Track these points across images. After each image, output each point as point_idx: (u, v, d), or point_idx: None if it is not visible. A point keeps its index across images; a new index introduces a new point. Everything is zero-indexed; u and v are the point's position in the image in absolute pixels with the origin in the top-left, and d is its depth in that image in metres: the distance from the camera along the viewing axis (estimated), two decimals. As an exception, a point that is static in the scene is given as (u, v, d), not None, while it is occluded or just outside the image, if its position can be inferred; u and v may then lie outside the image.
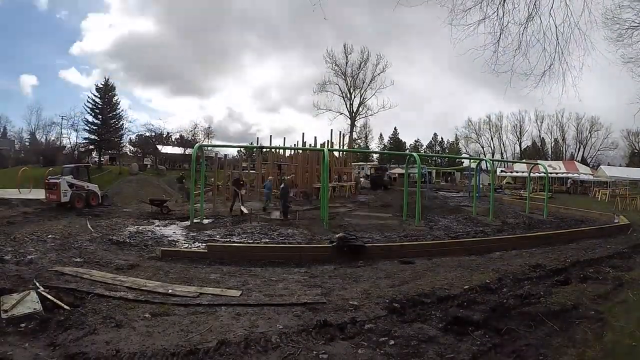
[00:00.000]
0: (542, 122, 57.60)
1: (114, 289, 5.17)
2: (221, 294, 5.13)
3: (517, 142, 59.66)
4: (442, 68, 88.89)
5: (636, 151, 48.93)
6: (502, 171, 34.99)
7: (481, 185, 22.08)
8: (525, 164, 32.07)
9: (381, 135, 69.76)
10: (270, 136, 22.95)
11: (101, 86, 40.81)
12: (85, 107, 40.33)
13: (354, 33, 79.70)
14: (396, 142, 69.27)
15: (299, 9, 79.00)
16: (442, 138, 72.05)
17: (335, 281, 5.93)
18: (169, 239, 9.50)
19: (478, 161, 25.51)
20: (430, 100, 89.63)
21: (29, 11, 78.91)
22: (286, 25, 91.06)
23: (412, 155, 15.43)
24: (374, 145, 62.98)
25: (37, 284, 5.08)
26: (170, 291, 5.12)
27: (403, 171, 22.20)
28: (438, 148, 70.01)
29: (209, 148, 32.44)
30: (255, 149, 22.65)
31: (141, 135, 44.01)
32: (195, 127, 45.09)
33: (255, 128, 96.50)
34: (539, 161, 29.96)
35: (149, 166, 40.77)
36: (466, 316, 4.34)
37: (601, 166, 33.36)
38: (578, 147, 53.69)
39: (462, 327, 4.07)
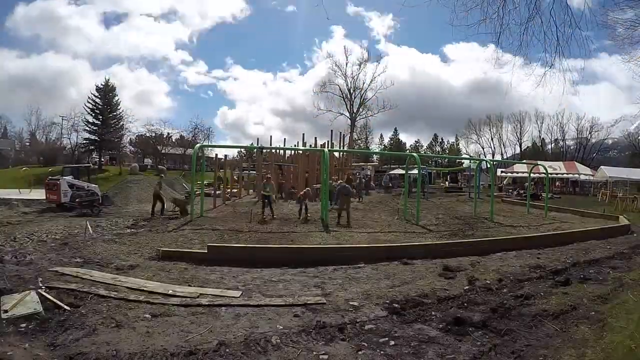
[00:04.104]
0: (542, 123, 57.41)
1: (114, 289, 5.17)
2: (221, 294, 5.13)
3: (518, 143, 59.54)
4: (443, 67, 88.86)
5: (636, 152, 48.77)
6: (502, 172, 34.94)
7: (481, 187, 22.11)
8: (525, 165, 32.02)
9: (381, 135, 69.85)
10: (271, 137, 22.92)
11: (101, 86, 40.79)
12: (86, 107, 40.39)
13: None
14: (396, 142, 69.35)
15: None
16: (442, 139, 72.14)
17: (335, 282, 5.93)
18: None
19: (478, 162, 25.53)
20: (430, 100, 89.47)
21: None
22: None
23: (412, 155, 15.42)
24: (375, 146, 63.03)
25: (38, 284, 5.08)
26: (170, 292, 5.12)
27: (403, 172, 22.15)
28: (438, 149, 70.00)
29: (209, 149, 32.49)
30: (255, 150, 22.67)
31: (141, 135, 44.10)
32: (196, 128, 45.16)
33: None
34: (539, 162, 29.86)
35: (149, 166, 40.77)
36: (466, 317, 4.34)
37: (601, 167, 33.22)
38: (578, 147, 53.46)
39: (463, 327, 4.07)
